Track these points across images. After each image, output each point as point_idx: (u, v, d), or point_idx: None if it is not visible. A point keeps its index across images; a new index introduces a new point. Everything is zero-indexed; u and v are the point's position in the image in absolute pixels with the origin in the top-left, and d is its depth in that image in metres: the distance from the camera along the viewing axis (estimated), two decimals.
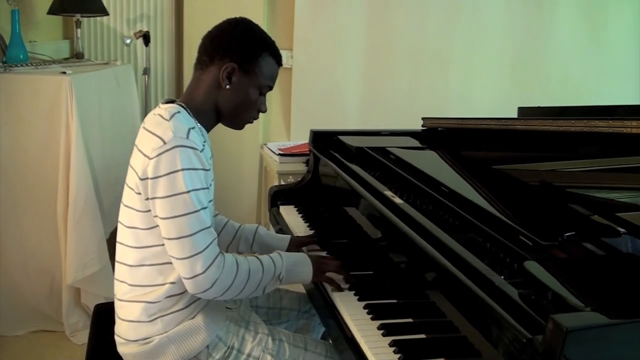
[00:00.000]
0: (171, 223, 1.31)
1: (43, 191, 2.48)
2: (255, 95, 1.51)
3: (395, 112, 3.57)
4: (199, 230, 1.32)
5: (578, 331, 0.85)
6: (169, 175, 1.31)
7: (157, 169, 1.31)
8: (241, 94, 1.48)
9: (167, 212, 1.31)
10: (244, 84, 1.47)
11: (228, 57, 1.45)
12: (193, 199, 1.31)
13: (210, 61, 1.47)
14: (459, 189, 1.57)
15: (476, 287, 1.10)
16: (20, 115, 2.42)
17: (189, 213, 1.31)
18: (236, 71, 1.46)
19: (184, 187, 1.31)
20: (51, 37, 3.32)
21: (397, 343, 1.27)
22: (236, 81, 1.46)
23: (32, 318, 2.58)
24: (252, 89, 1.49)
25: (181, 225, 1.31)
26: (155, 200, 1.32)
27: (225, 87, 1.46)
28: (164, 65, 3.57)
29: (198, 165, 1.34)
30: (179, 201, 1.31)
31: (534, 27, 3.68)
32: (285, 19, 3.48)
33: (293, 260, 1.50)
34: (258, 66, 1.48)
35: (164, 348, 1.41)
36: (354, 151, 2.10)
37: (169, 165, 1.31)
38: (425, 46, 3.60)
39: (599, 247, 1.21)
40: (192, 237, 1.31)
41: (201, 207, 1.33)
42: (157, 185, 1.31)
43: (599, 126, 1.44)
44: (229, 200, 3.48)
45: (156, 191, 1.32)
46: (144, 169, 1.33)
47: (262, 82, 1.50)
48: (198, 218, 1.32)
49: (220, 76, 1.45)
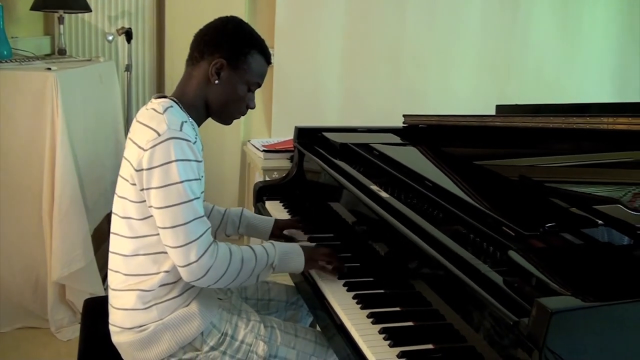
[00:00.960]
0: (165, 212, 1.35)
1: (28, 187, 2.47)
2: (244, 92, 1.55)
3: (375, 110, 3.64)
4: (193, 219, 1.36)
5: (562, 313, 0.91)
6: (163, 166, 1.35)
7: (151, 160, 1.35)
8: (230, 90, 1.52)
9: (162, 202, 1.35)
10: (233, 79, 1.52)
11: (218, 53, 1.50)
12: (186, 189, 1.36)
13: (200, 57, 1.51)
14: (442, 183, 1.62)
15: (464, 275, 1.16)
16: (5, 111, 2.41)
17: (183, 202, 1.35)
18: (225, 67, 1.50)
19: (178, 177, 1.35)
20: (32, 33, 3.30)
21: (386, 330, 1.31)
22: (225, 77, 1.51)
23: (17, 315, 2.58)
24: (240, 85, 1.53)
25: (175, 215, 1.35)
26: (150, 190, 1.36)
27: (214, 82, 1.50)
28: (145, 61, 3.58)
29: (191, 156, 1.38)
30: (173, 191, 1.35)
31: (510, 26, 3.78)
32: (267, 17, 3.52)
33: (285, 250, 1.55)
34: (247, 63, 1.52)
35: (159, 335, 1.44)
36: (338, 147, 2.15)
37: (164, 157, 1.35)
38: (404, 45, 3.67)
39: (578, 237, 1.27)
40: (186, 226, 1.35)
41: (194, 197, 1.37)
42: (152, 175, 1.35)
43: (577, 123, 1.50)
44: (211, 196, 3.49)
45: (151, 181, 1.36)
46: (139, 160, 1.37)
47: (251, 78, 1.54)
48: (191, 207, 1.36)
49: (209, 71, 1.50)
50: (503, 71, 3.82)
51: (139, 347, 1.45)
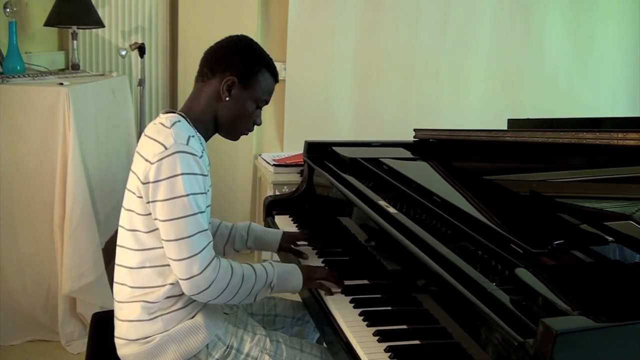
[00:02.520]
0: (170, 225, 1.37)
1: (40, 201, 2.49)
2: (252, 108, 1.57)
3: (386, 124, 3.63)
4: (196, 233, 1.37)
5: (567, 334, 0.89)
6: (169, 179, 1.36)
7: (158, 173, 1.37)
8: (239, 106, 1.54)
9: (166, 215, 1.37)
10: (243, 97, 1.54)
11: (229, 70, 1.52)
12: (191, 202, 1.37)
13: (211, 74, 1.53)
14: (451, 198, 1.61)
15: (469, 293, 1.14)
16: (17, 126, 2.43)
17: (187, 216, 1.36)
18: (236, 84, 1.52)
19: (183, 190, 1.36)
20: (47, 48, 3.35)
21: (392, 349, 1.30)
22: (235, 94, 1.53)
23: (28, 327, 2.58)
24: (249, 102, 1.55)
25: (179, 228, 1.36)
26: (156, 203, 1.38)
27: (224, 99, 1.52)
28: (158, 76, 3.61)
29: (197, 170, 1.39)
30: (178, 204, 1.36)
31: (523, 38, 3.76)
32: (279, 32, 3.53)
33: (284, 270, 1.56)
34: (256, 81, 1.55)
35: (164, 347, 1.44)
36: (347, 162, 2.14)
37: (170, 170, 1.36)
38: (416, 58, 3.66)
39: (587, 254, 1.24)
40: (190, 239, 1.36)
41: (199, 211, 1.38)
42: (158, 188, 1.37)
43: (586, 138, 1.48)
44: (223, 210, 3.50)
45: (157, 194, 1.37)
46: (145, 173, 1.39)
47: (260, 96, 1.57)
48: (196, 221, 1.37)
49: (220, 88, 1.52)
50: (516, 83, 3.80)
51: (144, 359, 1.45)
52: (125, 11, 3.51)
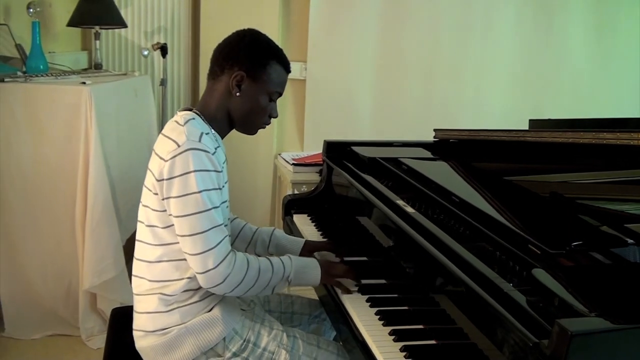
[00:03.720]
0: (184, 221, 1.39)
1: (61, 198, 2.53)
2: (265, 102, 1.57)
3: (407, 124, 3.61)
4: (210, 228, 1.39)
5: (583, 335, 0.88)
6: (182, 176, 1.38)
7: (171, 170, 1.39)
8: (251, 101, 1.55)
9: (180, 211, 1.39)
10: (254, 90, 1.54)
11: (237, 66, 1.52)
12: (204, 198, 1.38)
13: (220, 71, 1.54)
14: (469, 199, 1.59)
15: (485, 293, 1.13)
16: (40, 124, 2.48)
17: (201, 212, 1.38)
18: (245, 79, 1.52)
19: (196, 187, 1.38)
20: (70, 48, 3.40)
21: (408, 348, 1.29)
22: (246, 88, 1.53)
23: (48, 322, 2.63)
24: (261, 95, 1.55)
25: (193, 223, 1.38)
26: (170, 199, 1.40)
27: (235, 95, 1.53)
28: (180, 76, 3.64)
29: (210, 166, 1.41)
30: (191, 200, 1.38)
31: (545, 39, 3.71)
32: (300, 32, 3.53)
33: (302, 264, 1.56)
34: (266, 73, 1.55)
35: (182, 339, 1.46)
36: (366, 161, 2.14)
37: (183, 167, 1.38)
38: (438, 58, 3.64)
39: (606, 256, 1.23)
40: (204, 235, 1.38)
41: (212, 207, 1.40)
42: (172, 185, 1.39)
43: (607, 138, 1.46)
44: (243, 209, 3.52)
45: (171, 191, 1.39)
46: (160, 170, 1.41)
47: (271, 88, 1.56)
48: (209, 217, 1.39)
49: (230, 84, 1.52)
50: (537, 85, 3.75)
51: (162, 351, 1.47)
52: (148, 11, 3.54)
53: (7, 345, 2.54)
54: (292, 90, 3.55)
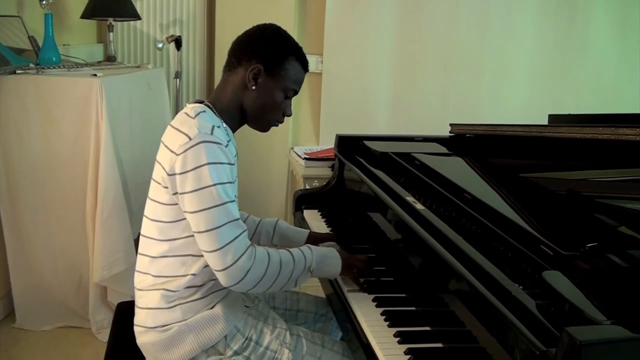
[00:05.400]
0: (200, 216, 1.34)
1: (72, 190, 2.52)
2: (280, 98, 1.53)
3: (425, 119, 3.54)
4: (227, 222, 1.34)
5: (592, 345, 0.82)
6: (196, 169, 1.34)
7: (184, 164, 1.34)
8: (266, 96, 1.51)
9: (195, 206, 1.34)
10: (270, 86, 1.50)
11: (255, 59, 1.49)
12: (220, 191, 1.34)
13: (238, 63, 1.50)
14: (482, 196, 1.53)
15: (492, 295, 1.08)
16: (51, 116, 2.47)
17: (216, 205, 1.34)
18: (262, 73, 1.49)
19: (210, 180, 1.33)
20: (85, 40, 3.39)
21: (412, 351, 1.25)
22: (262, 83, 1.49)
23: (59, 314, 2.63)
24: (277, 91, 1.52)
25: (209, 218, 1.33)
26: (184, 195, 1.35)
27: (251, 88, 1.49)
28: (195, 69, 3.62)
29: (224, 159, 1.37)
30: (206, 194, 1.33)
31: (567, 33, 3.61)
32: (316, 25, 3.49)
33: (323, 254, 1.52)
34: (284, 69, 1.51)
35: (182, 336, 1.43)
36: (378, 156, 2.09)
37: (195, 160, 1.34)
38: (456, 52, 3.57)
39: (623, 259, 1.16)
40: (220, 229, 1.33)
41: (228, 200, 1.36)
42: (185, 180, 1.35)
43: (626, 134, 1.39)
44: (258, 203, 3.50)
45: (184, 186, 1.35)
46: (171, 164, 1.37)
47: (288, 85, 1.53)
48: (225, 210, 1.35)
49: (246, 77, 1.49)
50: (559, 80, 3.65)
51: (162, 347, 1.44)
52: (163, 4, 3.52)
53: (17, 336, 2.55)
54: (308, 83, 3.51)
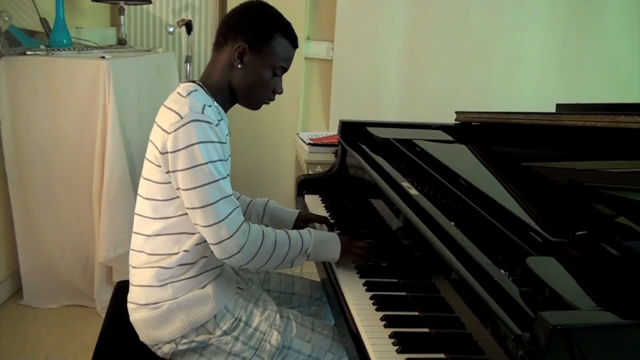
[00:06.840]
0: (193, 193, 1.36)
1: (79, 171, 2.55)
2: (269, 76, 1.52)
3: (435, 107, 3.50)
4: (220, 199, 1.36)
5: (564, 329, 0.81)
6: (187, 148, 1.35)
7: (175, 143, 1.36)
8: (253, 74, 1.50)
9: (188, 184, 1.36)
10: (256, 63, 1.50)
11: (240, 37, 1.48)
12: (211, 169, 1.36)
13: (224, 41, 1.50)
14: (478, 183, 1.52)
15: (473, 279, 1.07)
16: (59, 97, 2.50)
17: (209, 183, 1.35)
18: (247, 51, 1.48)
19: (202, 158, 1.35)
20: (98, 23, 3.41)
21: (396, 335, 1.25)
22: (248, 61, 1.49)
23: (65, 293, 2.68)
24: (264, 69, 1.51)
25: (203, 195, 1.35)
26: (177, 173, 1.37)
27: (237, 67, 1.49)
28: (206, 53, 3.62)
29: (214, 138, 1.37)
30: (199, 172, 1.35)
31: (581, 21, 3.55)
32: (327, 12, 3.47)
33: (322, 238, 1.53)
34: (270, 46, 1.50)
35: (173, 314, 1.44)
36: (380, 142, 2.08)
37: (186, 139, 1.35)
38: (468, 40, 3.53)
39: (614, 247, 1.15)
40: (214, 206, 1.35)
41: (220, 177, 1.37)
42: (177, 158, 1.36)
43: (625, 122, 1.37)
44: (267, 187, 3.51)
45: (177, 164, 1.36)
46: (163, 143, 1.38)
47: (275, 62, 1.52)
48: (218, 187, 1.36)
49: (232, 56, 1.48)
50: (572, 69, 3.59)
51: (153, 325, 1.46)
52: None
53: (25, 312, 2.60)
54: (318, 70, 3.50)
